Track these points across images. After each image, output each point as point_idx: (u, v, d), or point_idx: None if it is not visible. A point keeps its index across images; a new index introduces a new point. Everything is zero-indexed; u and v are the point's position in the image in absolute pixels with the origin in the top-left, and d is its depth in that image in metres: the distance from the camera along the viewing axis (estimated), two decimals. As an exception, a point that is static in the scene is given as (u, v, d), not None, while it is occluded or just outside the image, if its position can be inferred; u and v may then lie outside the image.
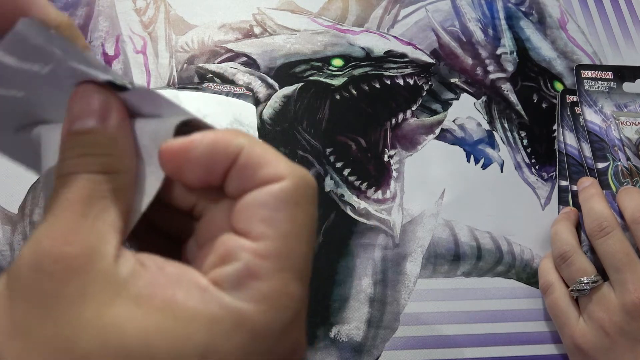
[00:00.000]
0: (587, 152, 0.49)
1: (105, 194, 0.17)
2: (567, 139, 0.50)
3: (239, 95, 0.46)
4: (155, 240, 0.21)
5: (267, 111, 0.47)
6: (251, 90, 0.47)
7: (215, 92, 0.45)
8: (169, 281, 0.16)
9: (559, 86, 0.53)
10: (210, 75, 0.48)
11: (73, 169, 0.18)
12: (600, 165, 0.48)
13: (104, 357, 0.15)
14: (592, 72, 0.52)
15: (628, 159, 0.47)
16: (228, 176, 0.18)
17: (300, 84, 0.48)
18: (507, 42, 0.54)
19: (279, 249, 0.17)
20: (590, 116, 0.50)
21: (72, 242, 0.16)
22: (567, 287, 0.42)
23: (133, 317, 0.15)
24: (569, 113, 0.51)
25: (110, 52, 0.48)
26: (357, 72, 0.50)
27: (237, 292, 0.16)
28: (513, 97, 0.52)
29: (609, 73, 0.52)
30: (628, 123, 0.49)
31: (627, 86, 0.52)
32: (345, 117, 0.48)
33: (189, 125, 0.19)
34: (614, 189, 0.47)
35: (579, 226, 0.46)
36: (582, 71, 0.52)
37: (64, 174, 0.18)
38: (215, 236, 0.18)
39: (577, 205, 0.47)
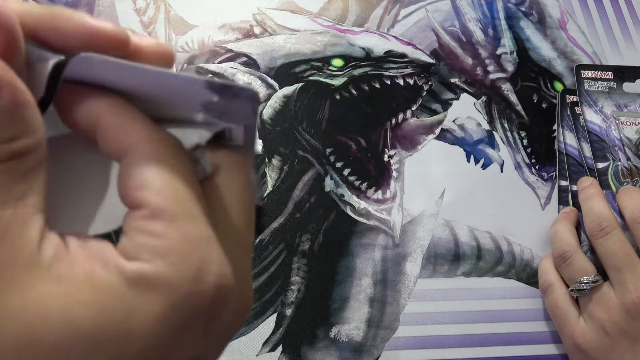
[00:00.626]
0: (587, 152, 0.49)
1: (21, 178, 0.16)
2: (567, 139, 0.50)
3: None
4: None
5: (267, 111, 0.47)
6: (251, 90, 0.47)
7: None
8: (87, 257, 0.16)
9: (559, 86, 0.53)
10: (210, 75, 0.48)
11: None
12: (601, 165, 0.48)
13: (34, 342, 0.15)
14: (592, 72, 0.52)
15: (628, 158, 0.47)
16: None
17: (300, 84, 0.48)
18: (507, 42, 0.54)
19: (162, 204, 0.17)
20: (591, 116, 0.50)
21: None
22: (567, 287, 0.42)
23: (54, 294, 0.15)
24: (569, 113, 0.51)
25: (110, 52, 0.48)
26: (357, 72, 0.50)
27: (142, 255, 0.16)
28: (513, 97, 0.52)
29: (609, 73, 0.52)
30: (628, 123, 0.49)
31: (627, 86, 0.52)
32: (345, 117, 0.48)
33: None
34: (614, 188, 0.47)
35: (579, 226, 0.46)
36: (582, 71, 0.52)
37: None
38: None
39: (577, 205, 0.47)
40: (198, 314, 0.17)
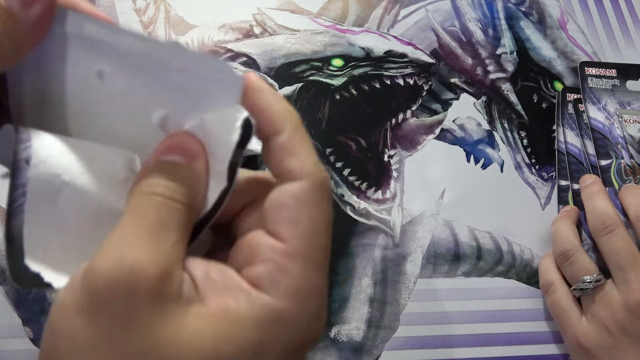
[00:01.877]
0: (590, 149, 0.49)
1: (182, 224, 0.19)
2: (568, 137, 0.50)
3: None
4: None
5: (267, 111, 0.47)
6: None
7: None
8: (218, 290, 0.18)
9: (558, 86, 0.53)
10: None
11: (159, 190, 0.19)
12: (603, 162, 0.48)
13: None
14: (596, 69, 0.52)
15: (631, 156, 0.47)
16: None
17: (300, 84, 0.48)
18: (507, 42, 0.54)
19: (303, 248, 0.19)
20: (594, 113, 0.50)
21: (155, 264, 0.17)
22: (569, 285, 0.42)
23: (200, 330, 0.17)
24: (571, 111, 0.51)
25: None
26: (357, 72, 0.50)
27: (273, 291, 0.18)
28: (513, 97, 0.52)
29: (613, 71, 0.52)
30: (631, 121, 0.49)
31: (631, 84, 0.52)
32: (345, 117, 0.48)
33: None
34: (616, 186, 0.47)
35: (579, 224, 0.46)
36: (586, 68, 0.52)
37: (148, 192, 0.19)
38: (244, 233, 0.21)
39: (578, 203, 0.47)
40: (306, 342, 0.19)
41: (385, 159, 0.47)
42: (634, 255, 0.39)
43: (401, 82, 0.50)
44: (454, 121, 0.50)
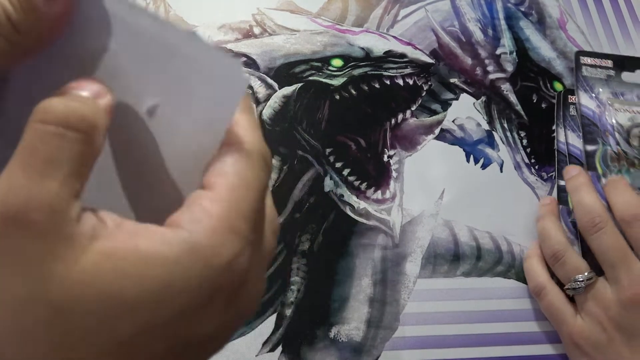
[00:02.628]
0: (571, 139, 0.49)
1: (77, 155, 0.18)
2: (570, 139, 0.50)
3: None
4: None
5: (267, 111, 0.47)
6: (251, 88, 0.47)
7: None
8: (128, 234, 0.18)
9: (558, 86, 0.53)
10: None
11: (51, 118, 0.18)
12: (590, 147, 0.48)
13: (79, 306, 0.16)
14: (592, 59, 0.52)
15: (618, 143, 0.48)
16: None
17: (300, 84, 0.48)
18: (506, 42, 0.54)
19: (229, 196, 0.19)
20: (586, 101, 0.50)
21: (39, 208, 0.16)
22: (560, 285, 0.42)
23: (99, 268, 0.17)
24: (572, 113, 0.51)
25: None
26: (356, 72, 0.50)
27: (192, 226, 0.18)
28: (512, 97, 0.52)
29: (609, 61, 0.52)
30: (622, 110, 0.50)
31: (626, 76, 0.52)
32: (344, 117, 0.48)
33: None
34: (600, 171, 0.47)
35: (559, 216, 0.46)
36: (581, 57, 0.52)
37: (39, 120, 0.18)
38: None
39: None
40: (225, 286, 0.18)
41: (385, 159, 0.47)
42: (624, 252, 0.40)
43: (401, 82, 0.50)
44: (453, 121, 0.50)
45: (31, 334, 0.16)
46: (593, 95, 0.50)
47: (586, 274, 0.41)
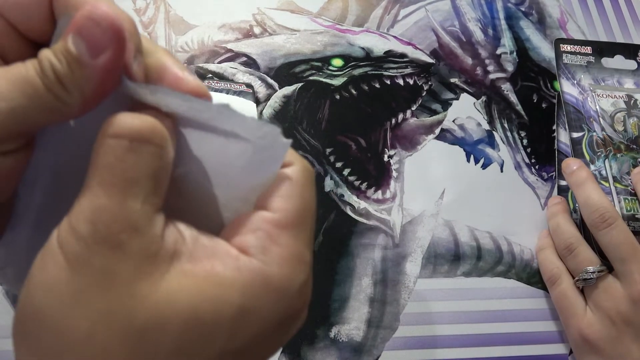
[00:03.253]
0: (565, 138, 0.49)
1: (154, 170, 0.18)
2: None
3: (239, 93, 0.46)
4: None
5: (267, 111, 0.47)
6: (251, 87, 0.47)
7: (215, 90, 0.45)
8: (206, 253, 0.18)
9: (558, 86, 0.53)
10: (210, 75, 0.48)
11: (123, 131, 0.18)
12: (575, 135, 0.48)
13: (160, 326, 0.17)
14: (571, 46, 0.52)
15: (603, 129, 0.48)
16: None
17: (300, 84, 0.48)
18: (507, 42, 0.54)
19: (294, 221, 0.19)
20: (568, 88, 0.50)
21: (126, 229, 0.17)
22: (573, 278, 0.42)
23: (182, 289, 0.17)
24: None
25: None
26: (357, 72, 0.50)
27: (263, 257, 0.18)
28: (513, 97, 0.52)
29: (588, 48, 0.52)
30: (605, 96, 0.50)
31: (606, 61, 0.52)
32: (345, 117, 0.48)
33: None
34: (587, 157, 0.47)
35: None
36: (561, 45, 0.52)
37: (111, 135, 0.17)
38: None
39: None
40: (293, 312, 0.19)
41: (385, 159, 0.47)
42: (634, 247, 0.40)
43: (401, 82, 0.50)
44: (453, 121, 0.50)
45: (111, 352, 0.16)
46: (575, 82, 0.50)
47: (598, 266, 0.41)
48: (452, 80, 0.52)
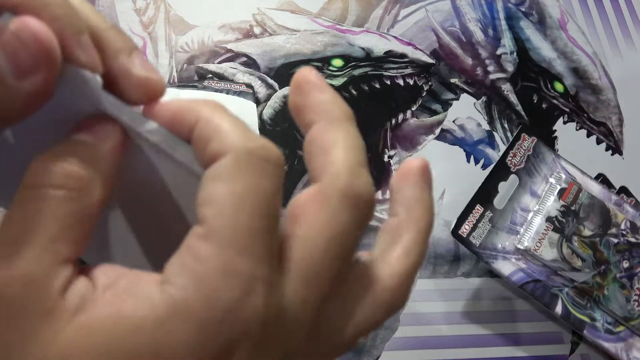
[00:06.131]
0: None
1: (64, 214, 0.16)
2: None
3: (239, 93, 0.46)
4: None
5: (267, 111, 0.47)
6: (251, 87, 0.47)
7: (215, 90, 0.45)
8: (119, 297, 0.15)
9: (559, 86, 0.53)
10: (210, 75, 0.48)
11: (35, 181, 0.16)
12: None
13: None
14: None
15: (572, 280, 0.43)
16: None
17: (300, 84, 0.48)
18: (507, 43, 0.54)
19: (219, 227, 0.16)
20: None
21: (11, 283, 0.15)
22: None
23: (79, 345, 0.15)
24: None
25: (110, 52, 0.48)
26: (357, 72, 0.50)
27: (178, 279, 0.15)
28: (513, 98, 0.52)
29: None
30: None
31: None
32: (345, 117, 0.48)
33: None
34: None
35: None
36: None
37: (26, 185, 0.16)
38: None
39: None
40: (242, 336, 0.16)
41: (385, 159, 0.47)
42: None
43: (401, 82, 0.50)
44: (454, 121, 0.50)
45: None
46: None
47: None
48: (452, 80, 0.52)
